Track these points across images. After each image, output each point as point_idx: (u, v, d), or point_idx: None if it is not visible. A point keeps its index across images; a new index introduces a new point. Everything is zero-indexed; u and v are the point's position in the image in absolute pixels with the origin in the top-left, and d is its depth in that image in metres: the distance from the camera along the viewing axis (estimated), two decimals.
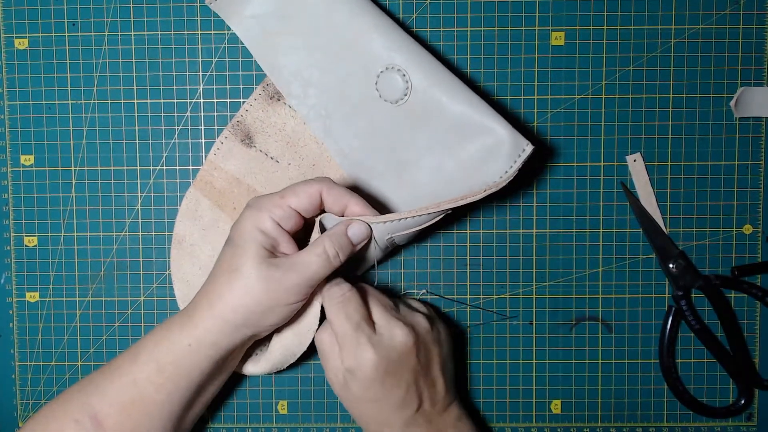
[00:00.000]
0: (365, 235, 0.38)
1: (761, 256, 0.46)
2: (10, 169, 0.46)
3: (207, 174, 0.44)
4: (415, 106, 0.41)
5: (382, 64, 0.41)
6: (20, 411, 0.47)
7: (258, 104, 0.44)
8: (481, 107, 0.40)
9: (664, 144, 0.45)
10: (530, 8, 0.45)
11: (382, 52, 0.41)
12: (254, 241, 0.36)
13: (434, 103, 0.40)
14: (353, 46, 0.41)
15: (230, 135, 0.44)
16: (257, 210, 0.37)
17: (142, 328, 0.46)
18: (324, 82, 0.42)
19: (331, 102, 0.43)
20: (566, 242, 0.46)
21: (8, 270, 0.46)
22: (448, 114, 0.40)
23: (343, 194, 0.38)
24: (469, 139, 0.40)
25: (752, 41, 0.45)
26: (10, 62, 0.45)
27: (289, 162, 0.44)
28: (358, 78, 0.42)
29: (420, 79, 0.40)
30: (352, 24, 0.41)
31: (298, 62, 0.42)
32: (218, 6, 0.43)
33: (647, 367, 0.46)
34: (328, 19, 0.41)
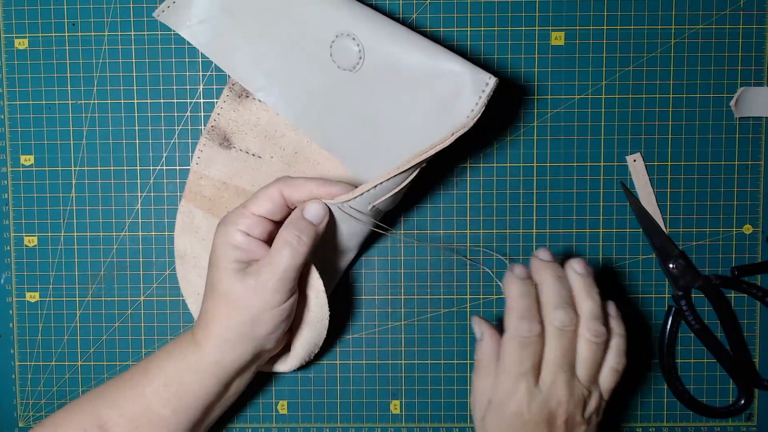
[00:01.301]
0: (323, 212, 0.37)
1: (761, 256, 0.46)
2: (10, 169, 0.46)
3: (194, 184, 0.44)
4: (372, 68, 0.40)
5: (332, 33, 0.40)
6: (20, 411, 0.47)
7: (228, 105, 0.44)
8: (437, 52, 0.38)
9: (664, 144, 0.45)
10: (530, 8, 0.45)
11: (329, 21, 0.40)
12: (226, 258, 0.36)
13: (390, 60, 0.39)
14: (302, 24, 0.40)
15: (207, 141, 0.44)
16: (224, 226, 0.37)
17: (142, 328, 0.46)
18: (284, 67, 0.42)
19: (295, 85, 0.42)
20: (566, 242, 0.46)
21: (8, 270, 0.46)
22: (405, 67, 0.39)
23: (303, 183, 0.37)
24: (431, 87, 0.39)
25: (752, 41, 0.45)
26: (10, 62, 0.45)
27: (271, 155, 0.44)
28: (313, 54, 0.41)
29: (370, 39, 0.39)
30: (296, 2, 0.40)
31: (255, 55, 0.42)
32: (165, 17, 0.42)
33: (647, 367, 0.46)
34: (271, 5, 0.41)
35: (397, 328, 0.46)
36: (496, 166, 0.45)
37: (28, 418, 0.47)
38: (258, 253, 0.37)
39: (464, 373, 0.46)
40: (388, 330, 0.46)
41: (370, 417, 0.47)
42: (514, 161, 0.45)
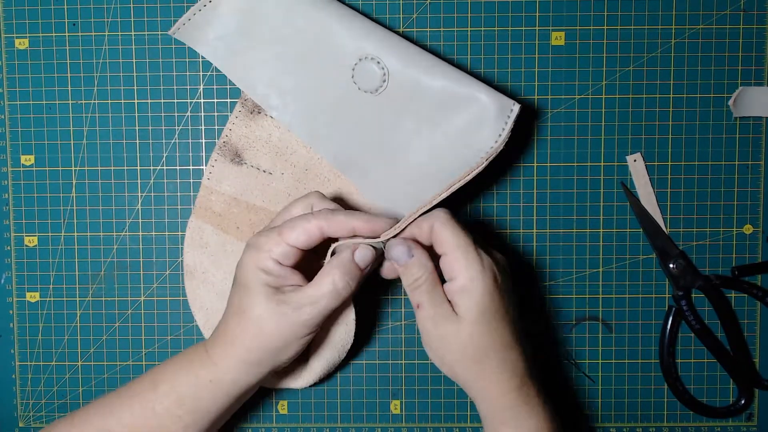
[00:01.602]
0: (372, 257, 0.37)
1: (761, 256, 0.46)
2: (10, 169, 0.46)
3: (204, 200, 0.44)
4: (396, 91, 0.40)
5: (354, 55, 0.40)
6: (20, 411, 0.47)
7: (240, 121, 0.44)
8: (461, 78, 0.39)
9: (664, 144, 0.45)
10: (530, 8, 0.45)
11: (352, 44, 0.40)
12: (258, 281, 0.36)
13: (413, 84, 0.40)
14: (322, 45, 0.41)
15: (219, 157, 0.44)
16: (257, 250, 0.36)
17: (142, 328, 0.46)
18: (300, 87, 0.42)
19: (311, 105, 0.42)
20: (566, 242, 0.46)
21: (8, 270, 0.46)
22: (429, 92, 0.40)
23: (346, 220, 0.36)
24: (455, 112, 0.40)
25: (752, 41, 0.45)
26: (10, 62, 0.45)
27: (282, 172, 0.44)
28: (333, 75, 0.41)
29: (395, 62, 0.40)
30: (315, 23, 0.40)
31: (271, 73, 0.42)
32: (182, 34, 0.42)
33: (647, 367, 0.46)
34: (290, 25, 0.41)
35: (397, 328, 0.46)
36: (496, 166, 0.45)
37: (28, 418, 0.47)
38: (290, 279, 0.36)
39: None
40: (389, 330, 0.46)
41: (370, 417, 0.47)
42: (514, 161, 0.45)
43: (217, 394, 0.37)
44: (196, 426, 0.37)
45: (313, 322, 0.36)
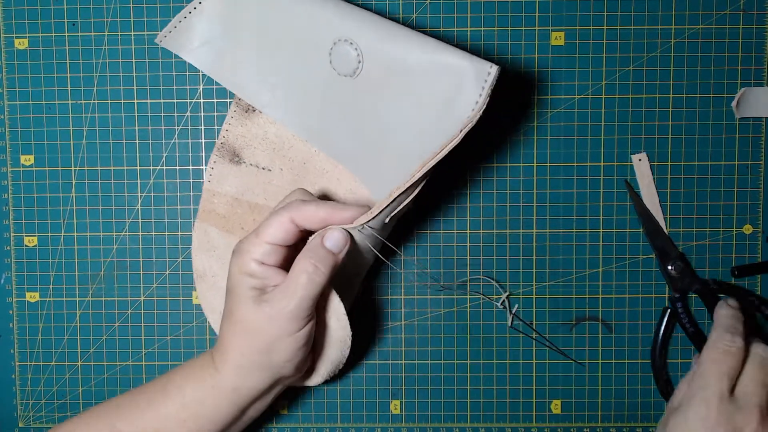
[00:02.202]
0: (343, 241, 0.37)
1: (761, 256, 0.46)
2: (10, 169, 0.46)
3: (207, 203, 0.44)
4: (373, 71, 0.39)
5: (329, 40, 0.39)
6: (20, 411, 0.47)
7: (236, 121, 0.44)
8: (436, 47, 0.37)
9: (664, 144, 0.45)
10: (530, 8, 0.45)
11: (325, 28, 0.39)
12: (243, 285, 0.36)
13: (389, 61, 0.38)
14: (300, 34, 0.40)
15: (218, 158, 0.44)
16: (239, 254, 0.37)
17: (142, 328, 0.46)
18: (286, 79, 0.42)
19: (299, 96, 0.42)
20: (566, 242, 0.46)
21: (8, 270, 0.46)
22: (405, 67, 0.38)
23: (314, 210, 0.36)
24: (433, 83, 0.38)
25: (752, 41, 0.45)
26: (10, 62, 0.45)
27: (281, 167, 0.44)
28: (313, 63, 0.40)
29: (368, 42, 0.38)
30: (292, 13, 0.40)
31: (258, 72, 0.42)
32: (168, 43, 0.42)
33: (647, 367, 0.46)
34: (270, 19, 0.40)
35: (398, 328, 0.46)
36: (496, 166, 0.45)
37: (28, 418, 0.47)
38: (274, 279, 0.36)
39: (464, 373, 0.46)
40: (389, 330, 0.46)
41: (370, 417, 0.47)
42: (514, 161, 0.45)
43: (219, 401, 0.37)
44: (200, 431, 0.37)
45: (296, 314, 0.35)
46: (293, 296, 0.35)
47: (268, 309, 0.35)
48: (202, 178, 0.45)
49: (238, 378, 0.37)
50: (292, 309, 0.35)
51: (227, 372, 0.37)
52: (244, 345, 0.36)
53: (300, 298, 0.35)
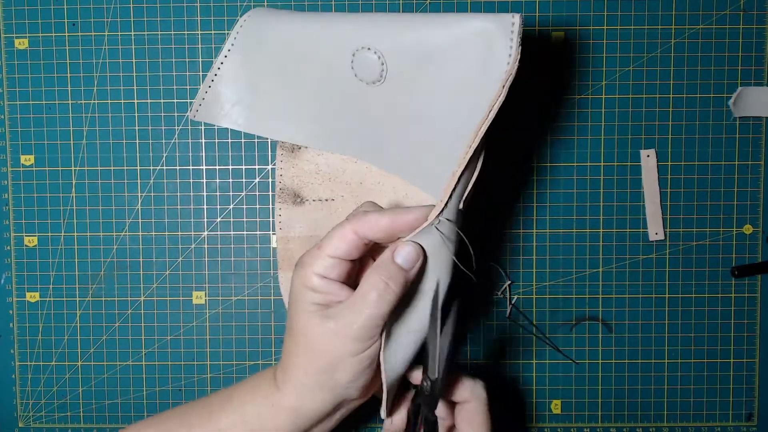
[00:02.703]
0: (415, 255, 0.34)
1: (761, 256, 0.46)
2: (10, 169, 0.46)
3: (283, 251, 0.44)
4: (398, 69, 0.38)
5: (347, 53, 0.39)
6: (20, 411, 0.47)
7: (285, 164, 0.44)
8: (454, 19, 0.36)
9: (664, 144, 0.45)
10: (530, 8, 0.45)
11: (341, 43, 0.39)
12: (304, 301, 0.34)
13: (412, 52, 0.37)
14: (319, 59, 0.40)
15: (281, 204, 0.44)
16: (301, 268, 0.35)
17: (142, 328, 0.46)
18: (320, 107, 0.42)
19: (335, 119, 0.42)
20: (566, 242, 0.46)
21: (8, 270, 0.46)
22: (429, 50, 0.37)
23: (376, 220, 0.34)
24: (463, 54, 0.36)
25: (752, 41, 0.45)
26: (10, 62, 0.45)
27: (342, 194, 0.44)
28: (339, 82, 0.40)
29: (384, 42, 0.38)
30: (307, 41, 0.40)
31: (291, 109, 0.42)
32: (201, 116, 0.42)
33: (647, 367, 0.46)
34: (288, 55, 0.40)
35: None
36: (497, 166, 0.45)
37: (28, 418, 0.47)
38: (339, 295, 0.34)
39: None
40: None
41: (371, 417, 0.47)
42: (514, 161, 0.45)
43: (279, 420, 0.35)
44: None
45: (362, 333, 0.33)
46: (360, 313, 0.33)
47: (333, 325, 0.33)
48: (202, 178, 0.45)
49: (299, 398, 0.35)
50: (359, 327, 0.33)
51: (288, 391, 0.35)
52: (306, 363, 0.34)
53: (367, 317, 0.33)
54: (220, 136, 0.46)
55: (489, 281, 0.46)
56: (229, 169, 0.46)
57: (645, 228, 0.46)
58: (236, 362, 0.46)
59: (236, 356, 0.46)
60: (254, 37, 0.41)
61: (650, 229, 0.45)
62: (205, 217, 0.46)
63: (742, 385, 0.46)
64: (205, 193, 0.46)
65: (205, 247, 0.46)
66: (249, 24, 0.41)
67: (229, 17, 0.45)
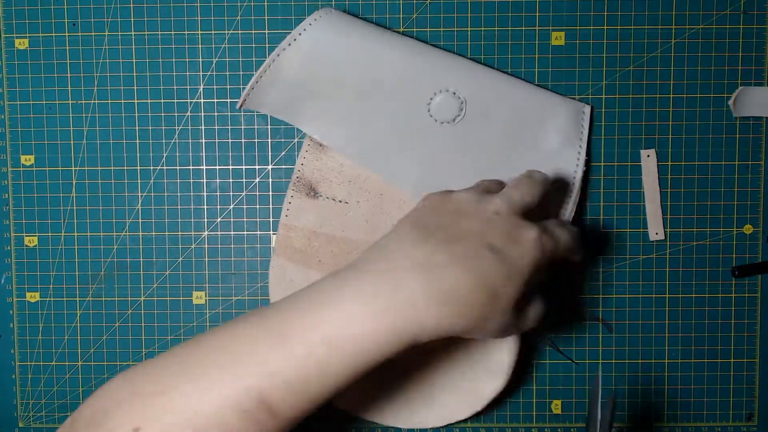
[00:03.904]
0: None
1: (761, 256, 0.46)
2: (10, 169, 0.46)
3: (284, 238, 0.44)
4: (474, 118, 0.42)
5: (429, 89, 0.42)
6: (20, 411, 0.47)
7: (310, 155, 0.44)
8: (533, 92, 0.43)
9: (665, 144, 0.45)
10: (530, 8, 0.45)
11: (426, 79, 0.42)
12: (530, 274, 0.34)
13: (492, 108, 0.42)
14: (394, 86, 0.42)
15: (294, 193, 0.44)
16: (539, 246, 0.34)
17: (142, 328, 0.46)
18: (368, 124, 0.43)
19: (381, 140, 0.43)
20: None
21: (8, 270, 0.46)
22: (505, 112, 0.43)
23: None
24: (533, 125, 0.42)
25: (752, 41, 0.45)
26: (10, 62, 0.45)
27: (358, 200, 0.44)
28: (409, 112, 0.43)
29: (470, 91, 0.42)
30: (385, 65, 0.42)
31: (341, 118, 0.43)
32: (250, 103, 0.42)
33: (647, 367, 0.46)
34: (357, 71, 0.42)
35: None
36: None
37: (28, 418, 0.47)
38: None
39: None
40: None
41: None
42: None
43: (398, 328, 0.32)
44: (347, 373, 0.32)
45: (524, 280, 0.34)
46: None
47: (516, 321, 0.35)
48: (202, 177, 0.45)
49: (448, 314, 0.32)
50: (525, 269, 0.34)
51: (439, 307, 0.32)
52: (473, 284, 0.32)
53: None
54: (220, 136, 0.46)
55: None
56: (229, 169, 0.46)
57: (645, 228, 0.46)
58: None
59: None
60: (320, 40, 0.42)
61: (650, 229, 0.45)
62: (205, 217, 0.46)
63: (742, 385, 0.46)
64: (205, 193, 0.46)
65: (205, 247, 0.46)
66: (318, 25, 0.42)
67: (229, 17, 0.45)
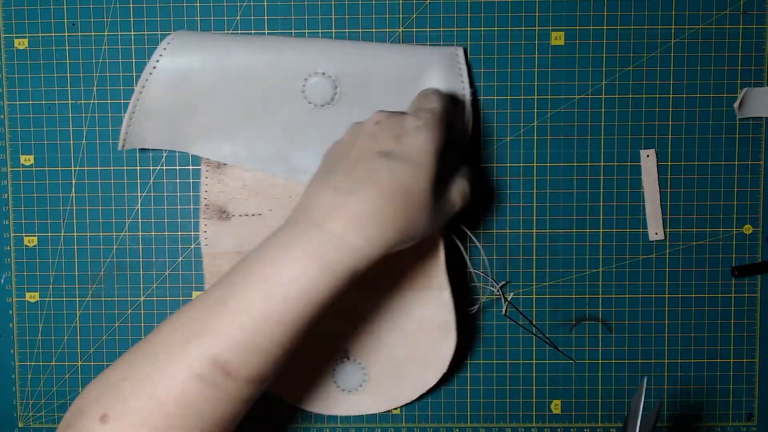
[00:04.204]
0: None
1: (761, 256, 0.46)
2: (10, 169, 0.46)
3: (211, 266, 0.44)
4: (351, 93, 0.41)
5: (300, 76, 0.41)
6: (20, 411, 0.47)
7: (211, 179, 0.44)
8: (405, 50, 0.42)
9: (664, 144, 0.45)
10: (530, 8, 0.45)
11: (294, 66, 0.41)
12: (435, 164, 0.34)
13: (366, 79, 0.41)
14: (266, 82, 0.42)
15: (207, 220, 0.44)
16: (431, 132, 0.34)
17: (142, 328, 0.46)
18: (252, 127, 0.43)
19: (270, 140, 0.43)
20: (566, 242, 0.46)
21: (8, 270, 0.46)
22: (383, 77, 0.41)
23: None
24: (413, 81, 0.41)
25: (752, 41, 0.45)
26: (10, 62, 0.45)
27: (270, 208, 0.44)
28: (286, 103, 0.42)
29: (340, 68, 0.41)
30: (254, 64, 0.41)
31: (228, 131, 0.43)
32: (130, 143, 0.43)
33: (647, 367, 0.46)
34: (228, 77, 0.41)
35: None
36: (496, 166, 0.45)
37: (27, 418, 0.47)
38: None
39: (464, 373, 0.46)
40: None
41: (370, 417, 0.47)
42: (514, 161, 0.45)
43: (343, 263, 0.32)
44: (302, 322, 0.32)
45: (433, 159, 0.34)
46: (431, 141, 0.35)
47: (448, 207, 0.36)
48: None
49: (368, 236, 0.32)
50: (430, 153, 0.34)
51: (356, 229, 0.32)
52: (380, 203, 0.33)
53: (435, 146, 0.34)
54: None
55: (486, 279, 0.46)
56: None
57: (645, 228, 0.46)
58: None
59: None
60: (180, 61, 0.42)
61: (650, 229, 0.45)
62: None
63: (742, 385, 0.46)
64: None
65: None
66: (173, 48, 0.42)
67: (228, 17, 0.45)
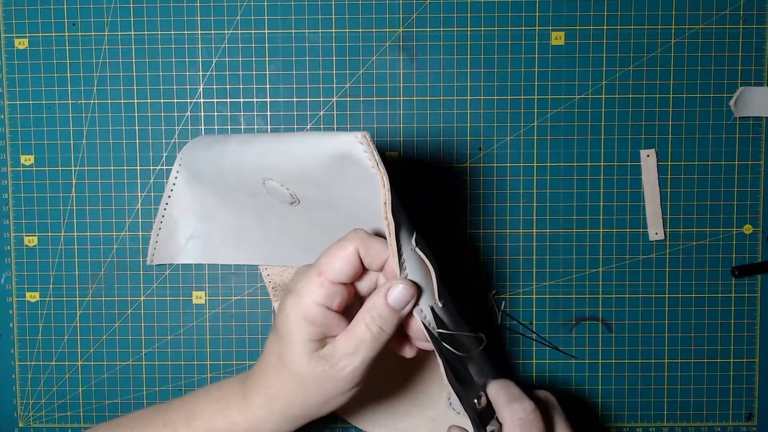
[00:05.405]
0: (408, 295, 0.32)
1: (761, 256, 0.46)
2: (10, 169, 0.46)
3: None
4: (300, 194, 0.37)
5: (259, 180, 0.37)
6: (20, 411, 0.47)
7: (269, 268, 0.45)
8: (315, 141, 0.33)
9: (664, 144, 0.45)
10: (530, 8, 0.45)
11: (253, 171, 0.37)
12: (300, 334, 0.32)
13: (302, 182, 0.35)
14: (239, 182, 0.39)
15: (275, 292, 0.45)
16: (297, 297, 0.32)
17: (142, 328, 0.46)
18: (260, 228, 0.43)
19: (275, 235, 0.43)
20: (566, 242, 0.46)
21: (8, 270, 0.46)
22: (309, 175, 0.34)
23: (383, 249, 0.32)
24: (336, 175, 0.33)
25: (752, 41, 0.45)
26: (10, 62, 0.45)
27: None
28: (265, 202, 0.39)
29: (281, 174, 0.36)
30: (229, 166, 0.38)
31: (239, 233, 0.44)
32: (159, 258, 0.45)
33: (647, 367, 0.46)
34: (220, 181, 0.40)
35: None
36: (496, 166, 0.45)
37: (28, 418, 0.47)
38: (335, 329, 0.33)
39: None
40: None
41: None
42: (514, 161, 0.45)
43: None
44: None
45: (356, 376, 0.33)
46: (355, 357, 0.32)
47: (327, 368, 0.32)
48: None
49: (278, 423, 0.35)
50: (353, 370, 0.32)
51: (267, 418, 0.34)
52: (294, 397, 0.33)
53: (362, 360, 0.32)
54: None
55: (485, 282, 0.46)
56: None
57: (645, 228, 0.46)
58: (236, 362, 0.46)
59: (236, 356, 0.46)
60: (192, 170, 0.43)
61: (650, 229, 0.45)
62: None
63: (742, 385, 0.46)
64: None
65: None
66: (186, 157, 0.43)
67: (229, 17, 0.45)
